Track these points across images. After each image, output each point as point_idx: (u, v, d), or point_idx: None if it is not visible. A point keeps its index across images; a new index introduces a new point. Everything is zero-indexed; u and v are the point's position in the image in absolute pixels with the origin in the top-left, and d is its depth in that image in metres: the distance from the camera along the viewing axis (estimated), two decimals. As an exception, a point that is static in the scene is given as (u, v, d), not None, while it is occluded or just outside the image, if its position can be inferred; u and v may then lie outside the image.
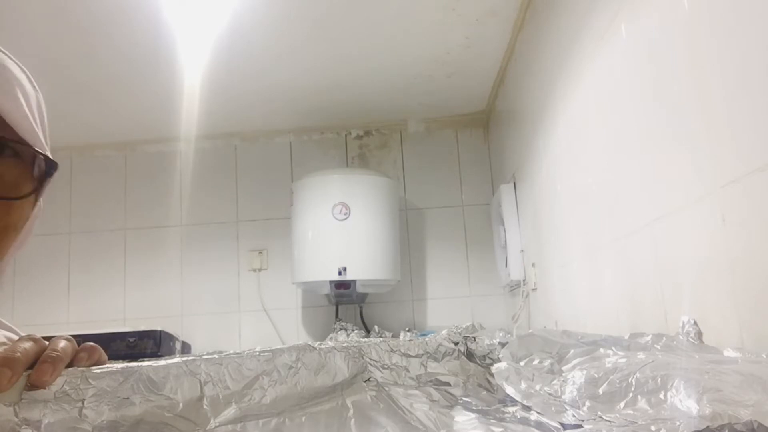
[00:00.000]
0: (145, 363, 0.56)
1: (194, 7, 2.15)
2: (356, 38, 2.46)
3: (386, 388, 0.67)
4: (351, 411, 0.62)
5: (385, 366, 0.70)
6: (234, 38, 2.36)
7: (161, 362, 0.56)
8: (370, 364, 0.69)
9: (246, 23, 2.27)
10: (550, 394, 0.69)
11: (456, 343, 0.76)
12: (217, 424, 0.54)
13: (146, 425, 0.51)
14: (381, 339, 0.73)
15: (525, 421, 0.64)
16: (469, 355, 0.77)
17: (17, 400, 0.49)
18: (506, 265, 2.68)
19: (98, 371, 0.54)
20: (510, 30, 2.43)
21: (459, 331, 0.78)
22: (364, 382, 0.67)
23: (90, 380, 0.52)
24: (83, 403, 0.50)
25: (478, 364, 0.77)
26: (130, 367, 0.55)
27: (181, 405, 0.53)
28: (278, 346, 0.65)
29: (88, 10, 2.14)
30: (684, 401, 0.61)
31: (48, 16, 2.16)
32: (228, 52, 2.45)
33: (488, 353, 0.79)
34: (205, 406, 0.54)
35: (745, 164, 0.91)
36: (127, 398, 0.52)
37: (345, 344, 0.71)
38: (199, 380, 0.55)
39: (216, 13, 2.20)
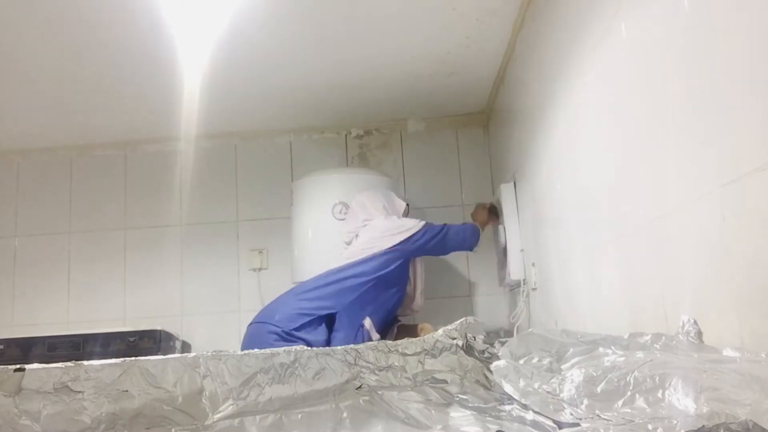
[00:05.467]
0: (144, 357, 0.56)
1: (194, 8, 2.15)
2: (356, 38, 2.46)
3: (379, 392, 0.67)
4: (345, 413, 0.62)
5: (381, 368, 0.70)
6: (234, 38, 2.36)
7: (160, 356, 0.56)
8: (364, 368, 0.69)
9: (246, 23, 2.27)
10: (548, 392, 0.69)
11: (453, 338, 0.76)
12: (216, 419, 0.55)
13: (145, 418, 0.52)
14: (379, 341, 0.74)
15: (521, 420, 0.64)
16: (468, 349, 0.78)
17: (17, 391, 0.49)
18: (506, 265, 2.68)
19: (98, 364, 0.54)
20: (510, 29, 2.43)
21: (455, 327, 0.78)
22: (356, 390, 0.67)
23: (89, 373, 0.52)
24: (83, 396, 0.50)
25: (477, 358, 0.77)
26: (130, 360, 0.55)
27: (180, 398, 0.54)
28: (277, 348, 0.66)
29: (89, 10, 2.14)
30: (682, 400, 0.62)
31: (49, 18, 2.16)
32: (228, 51, 2.45)
33: (487, 347, 0.79)
34: (204, 401, 0.55)
35: (745, 164, 0.91)
36: (126, 391, 0.52)
37: (342, 348, 0.71)
38: (199, 374, 0.56)
39: (216, 14, 2.20)
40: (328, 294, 2.35)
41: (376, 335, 2.32)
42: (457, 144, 3.36)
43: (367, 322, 2.31)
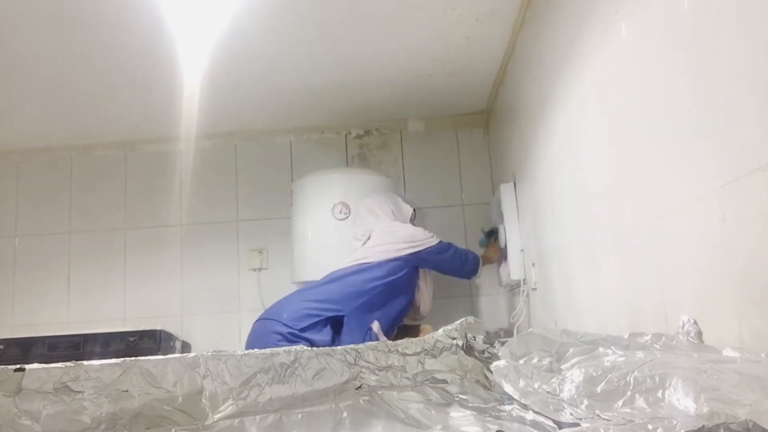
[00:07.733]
0: (144, 357, 0.56)
1: (194, 8, 2.15)
2: (356, 38, 2.46)
3: (379, 392, 0.67)
4: (345, 413, 0.62)
5: (381, 368, 0.71)
6: (234, 38, 2.36)
7: (160, 356, 0.57)
8: (364, 368, 0.69)
9: (246, 23, 2.27)
10: (548, 392, 0.69)
11: (453, 338, 0.76)
12: (216, 419, 0.55)
13: (145, 418, 0.52)
14: (380, 341, 0.74)
15: (521, 420, 0.64)
16: (468, 349, 0.78)
17: (17, 391, 0.49)
18: (506, 265, 2.68)
19: (98, 364, 0.54)
20: (510, 29, 2.43)
21: (455, 327, 0.78)
22: (356, 389, 0.67)
23: (89, 373, 0.53)
24: (83, 396, 0.50)
25: (477, 358, 0.77)
26: (130, 360, 0.55)
27: (180, 398, 0.54)
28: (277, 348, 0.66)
29: (89, 10, 2.14)
30: (682, 400, 0.62)
31: (49, 18, 2.16)
32: (228, 51, 2.45)
33: (487, 347, 0.79)
34: (204, 401, 0.55)
35: (745, 164, 0.91)
36: (126, 391, 0.52)
37: (342, 348, 0.72)
38: (199, 374, 0.56)
39: (216, 13, 2.20)
40: (336, 294, 2.33)
41: (383, 339, 2.30)
42: (457, 144, 3.36)
43: (375, 326, 2.30)
